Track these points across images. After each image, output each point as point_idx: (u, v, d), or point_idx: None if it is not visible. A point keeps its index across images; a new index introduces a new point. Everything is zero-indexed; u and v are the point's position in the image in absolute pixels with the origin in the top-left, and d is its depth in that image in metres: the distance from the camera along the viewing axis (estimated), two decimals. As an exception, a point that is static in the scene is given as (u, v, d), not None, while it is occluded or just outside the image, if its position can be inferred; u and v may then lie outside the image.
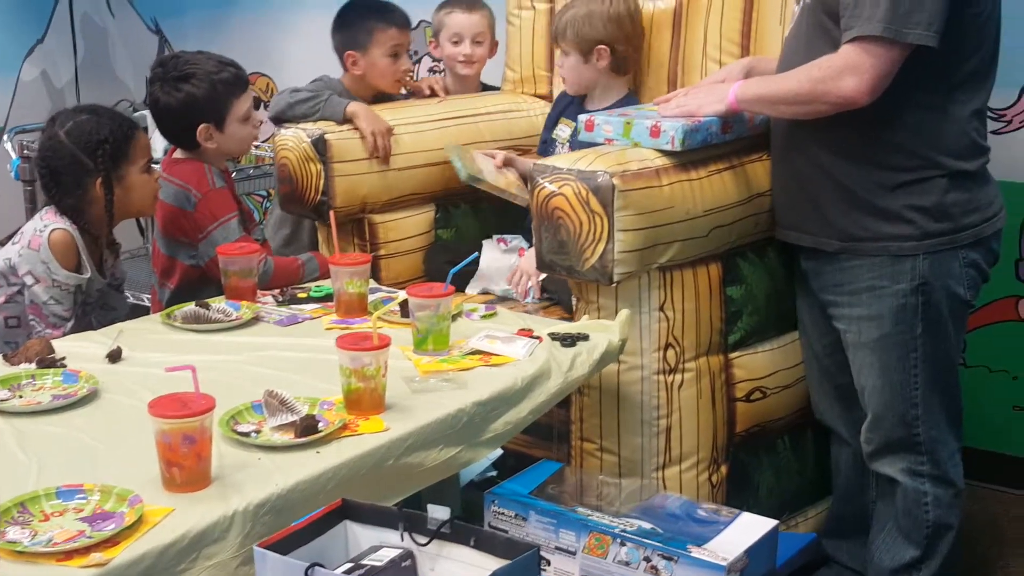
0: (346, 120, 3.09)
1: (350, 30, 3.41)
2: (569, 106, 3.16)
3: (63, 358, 2.28)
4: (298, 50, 4.53)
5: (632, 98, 3.10)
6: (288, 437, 1.90)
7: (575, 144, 3.08)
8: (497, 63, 3.54)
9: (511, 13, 3.42)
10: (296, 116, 3.12)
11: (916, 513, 2.58)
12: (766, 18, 2.91)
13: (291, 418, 1.93)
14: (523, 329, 2.44)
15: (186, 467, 1.73)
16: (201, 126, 2.84)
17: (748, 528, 2.13)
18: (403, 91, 3.55)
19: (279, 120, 3.16)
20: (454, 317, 2.49)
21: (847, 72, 2.33)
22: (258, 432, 1.93)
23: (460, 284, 2.93)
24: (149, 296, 3.18)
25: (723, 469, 2.71)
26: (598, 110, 2.92)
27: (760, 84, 2.57)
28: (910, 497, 2.57)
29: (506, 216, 3.34)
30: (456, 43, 3.45)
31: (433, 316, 2.31)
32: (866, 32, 2.31)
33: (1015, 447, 3.33)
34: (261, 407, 1.98)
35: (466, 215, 3.31)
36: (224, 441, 1.88)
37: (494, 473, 2.83)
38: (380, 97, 3.41)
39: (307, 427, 1.90)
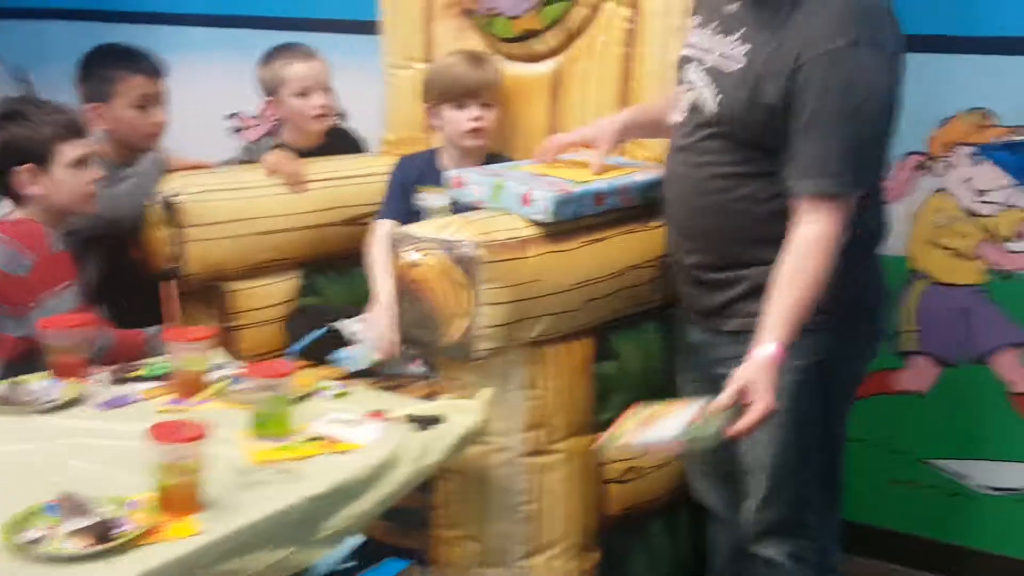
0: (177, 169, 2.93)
1: (92, 81, 3.13)
2: (424, 175, 2.96)
3: None
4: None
5: (503, 158, 2.93)
6: (83, 545, 1.68)
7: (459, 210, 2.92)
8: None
9: (388, 73, 3.25)
10: (134, 209, 2.88)
11: (796, 597, 2.46)
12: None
13: (86, 522, 1.71)
14: (374, 411, 2.26)
15: (-56, 586, 1.51)
16: (24, 166, 2.64)
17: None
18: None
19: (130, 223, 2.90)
20: (306, 396, 2.31)
21: (823, 239, 2.18)
22: (47, 539, 1.70)
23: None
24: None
25: (594, 555, 2.55)
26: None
27: (787, 311, 2.23)
28: (790, 582, 2.46)
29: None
30: (304, 95, 3.17)
31: (272, 398, 2.11)
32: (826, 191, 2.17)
33: (891, 520, 3.25)
34: (58, 508, 1.76)
35: (334, 283, 3.12)
36: (4, 550, 1.66)
37: (353, 563, 2.64)
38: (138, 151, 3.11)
39: (102, 533, 1.68)
